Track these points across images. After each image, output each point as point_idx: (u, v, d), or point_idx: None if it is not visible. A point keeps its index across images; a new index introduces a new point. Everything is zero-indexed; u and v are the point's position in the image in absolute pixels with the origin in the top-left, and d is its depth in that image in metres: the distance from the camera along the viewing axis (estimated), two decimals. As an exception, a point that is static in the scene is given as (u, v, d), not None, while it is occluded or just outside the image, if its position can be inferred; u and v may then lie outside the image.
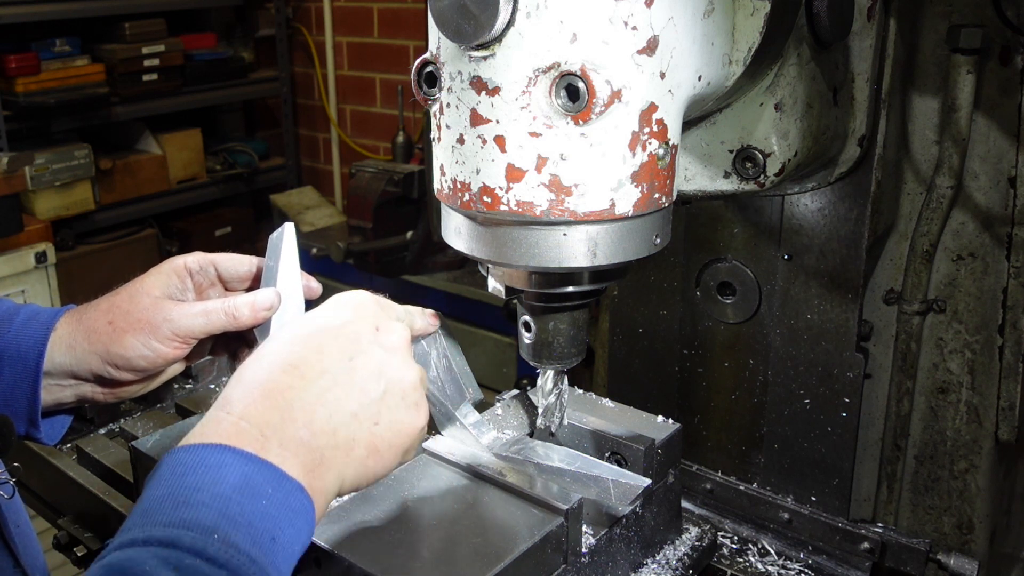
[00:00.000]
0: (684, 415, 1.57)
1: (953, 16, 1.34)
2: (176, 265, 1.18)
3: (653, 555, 1.28)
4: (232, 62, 5.28)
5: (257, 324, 1.14)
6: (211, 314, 1.13)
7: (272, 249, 1.16)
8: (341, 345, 0.93)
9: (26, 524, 1.14)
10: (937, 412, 1.53)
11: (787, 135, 1.13)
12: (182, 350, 1.14)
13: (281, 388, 0.88)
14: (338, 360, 0.91)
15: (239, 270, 1.20)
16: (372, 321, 0.97)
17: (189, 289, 1.19)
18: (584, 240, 0.95)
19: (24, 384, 1.13)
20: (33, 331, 1.14)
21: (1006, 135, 1.37)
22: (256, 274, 1.20)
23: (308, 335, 0.94)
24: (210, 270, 1.20)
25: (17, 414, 1.13)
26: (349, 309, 0.98)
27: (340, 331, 0.94)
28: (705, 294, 1.51)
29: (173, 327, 1.12)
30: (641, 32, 0.88)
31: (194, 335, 1.13)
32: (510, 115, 0.90)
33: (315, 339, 0.93)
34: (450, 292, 3.86)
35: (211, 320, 1.13)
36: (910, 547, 1.36)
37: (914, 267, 1.45)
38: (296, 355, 0.91)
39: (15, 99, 4.34)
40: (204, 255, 1.20)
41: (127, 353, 1.12)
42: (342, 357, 0.92)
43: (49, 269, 4.04)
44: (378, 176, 3.99)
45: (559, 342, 1.10)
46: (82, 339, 1.13)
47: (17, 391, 1.13)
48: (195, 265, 1.19)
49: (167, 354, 1.13)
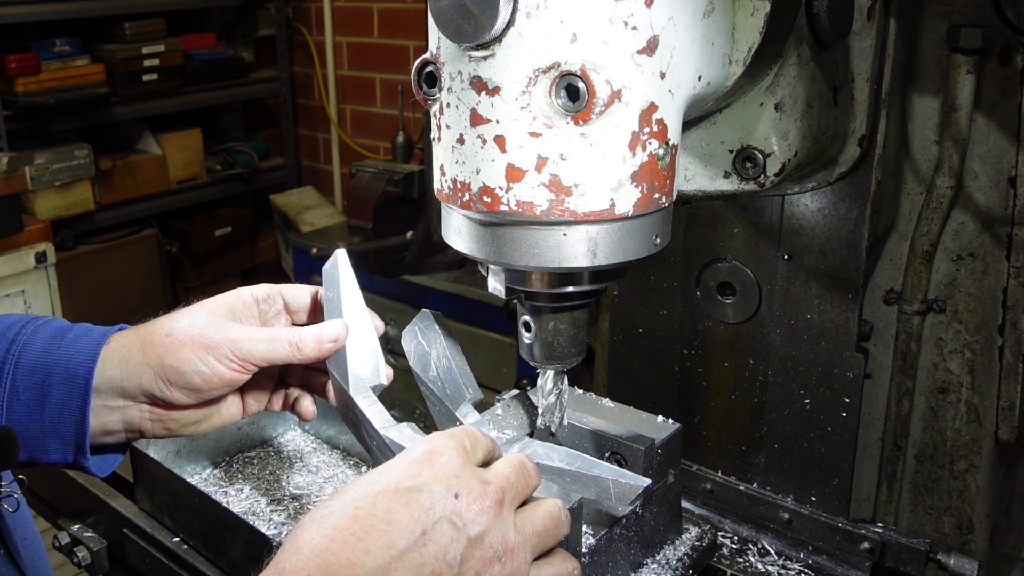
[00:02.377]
0: (684, 415, 1.57)
1: (953, 16, 1.34)
2: (243, 293, 1.14)
3: (653, 555, 1.28)
4: (232, 62, 5.28)
5: (322, 357, 1.09)
6: (275, 341, 1.07)
7: (328, 279, 1.11)
8: (412, 514, 0.81)
9: (34, 536, 1.11)
10: (937, 412, 1.53)
11: (787, 135, 1.13)
12: (241, 374, 1.08)
13: (342, 564, 0.77)
14: (408, 534, 0.80)
15: (304, 300, 1.16)
16: (450, 484, 0.84)
17: (255, 317, 1.14)
18: (584, 240, 0.95)
19: (73, 404, 1.07)
20: (84, 346, 1.08)
21: (1006, 135, 1.37)
22: (317, 304, 1.15)
23: (376, 495, 0.82)
24: (277, 300, 1.15)
25: (65, 439, 1.08)
26: (427, 466, 0.86)
27: (413, 496, 0.82)
28: (705, 294, 1.51)
29: (234, 347, 1.06)
30: (641, 32, 0.88)
31: (254, 360, 1.07)
32: (510, 115, 0.90)
33: (384, 502, 0.82)
34: (450, 292, 3.86)
35: (274, 348, 1.07)
36: (910, 547, 1.36)
37: (914, 267, 1.45)
38: (362, 522, 0.80)
39: (15, 99, 4.34)
40: (271, 285, 1.16)
41: (182, 367, 1.05)
42: (413, 529, 0.80)
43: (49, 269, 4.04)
44: (378, 176, 3.99)
45: (559, 342, 1.10)
46: (136, 351, 1.07)
47: (66, 412, 1.07)
48: (262, 294, 1.15)
49: (224, 374, 1.07)
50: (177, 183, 5.10)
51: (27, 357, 1.08)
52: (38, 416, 1.07)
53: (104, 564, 1.43)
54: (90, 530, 1.45)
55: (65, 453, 1.09)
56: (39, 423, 1.07)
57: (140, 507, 1.39)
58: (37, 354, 1.08)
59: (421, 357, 1.19)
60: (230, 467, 1.49)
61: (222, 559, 1.28)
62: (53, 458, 1.09)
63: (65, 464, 1.11)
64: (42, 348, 1.08)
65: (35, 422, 1.07)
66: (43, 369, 1.07)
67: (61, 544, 1.45)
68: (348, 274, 1.11)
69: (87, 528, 1.46)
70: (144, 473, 1.36)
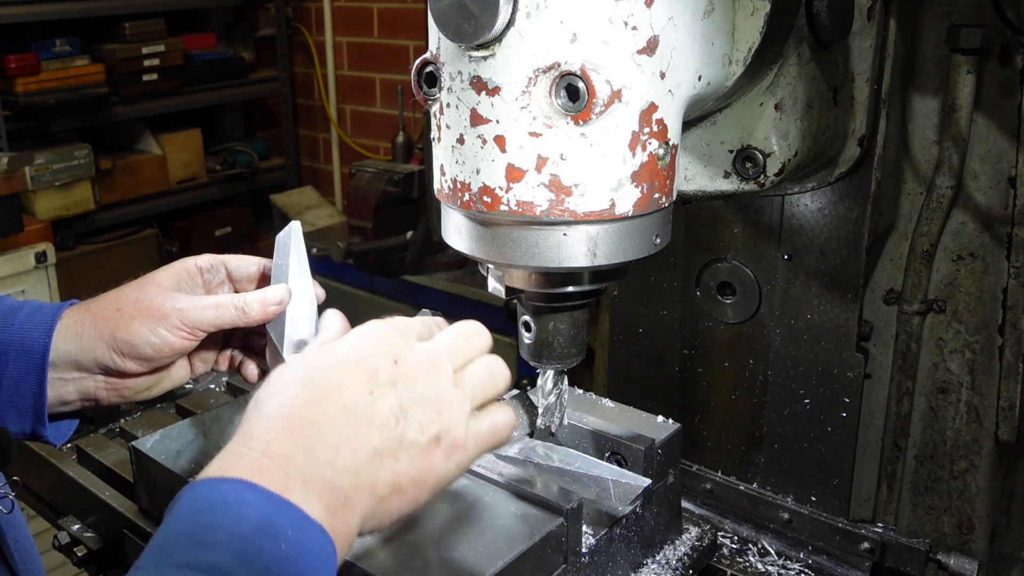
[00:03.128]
0: (684, 415, 1.57)
1: (953, 16, 1.34)
2: (187, 263, 1.19)
3: (653, 555, 1.28)
4: (232, 62, 5.28)
5: (267, 320, 1.14)
6: (221, 307, 1.13)
7: (280, 248, 1.17)
8: (361, 379, 0.89)
9: (26, 539, 1.13)
10: (937, 412, 1.53)
11: (787, 135, 1.13)
12: (189, 341, 1.14)
13: (304, 424, 0.85)
14: (358, 395, 0.88)
15: (249, 270, 1.21)
16: (391, 353, 0.92)
17: (199, 286, 1.19)
18: (584, 240, 0.95)
19: (30, 378, 1.12)
20: (38, 322, 1.14)
21: (1006, 135, 1.37)
22: (264, 274, 1.21)
23: (328, 367, 0.91)
24: (220, 269, 1.20)
25: (23, 410, 1.13)
26: (369, 342, 0.94)
27: (359, 365, 0.90)
28: (705, 294, 1.51)
29: (182, 316, 1.12)
30: (641, 32, 0.88)
31: (203, 326, 1.13)
32: (510, 115, 0.90)
33: (335, 373, 0.90)
34: (450, 292, 3.86)
35: (221, 313, 1.13)
36: (910, 547, 1.36)
37: (914, 267, 1.45)
38: (317, 389, 0.88)
39: (15, 99, 4.34)
40: (214, 255, 1.21)
41: (133, 339, 1.11)
42: (362, 391, 0.88)
43: (49, 269, 4.04)
44: (378, 176, 3.99)
45: (559, 342, 1.10)
46: (88, 325, 1.13)
47: (23, 386, 1.13)
48: (206, 264, 1.19)
49: (174, 343, 1.13)
50: (177, 183, 5.10)
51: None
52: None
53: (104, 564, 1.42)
54: (90, 530, 1.45)
55: (23, 424, 1.15)
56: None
57: (140, 507, 1.39)
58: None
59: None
60: (230, 467, 1.49)
61: (222, 559, 1.28)
62: (11, 429, 1.14)
63: (23, 435, 1.16)
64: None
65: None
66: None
67: (61, 544, 1.44)
68: (300, 245, 1.16)
69: (87, 528, 1.46)
70: (144, 473, 1.35)
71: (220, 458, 0.84)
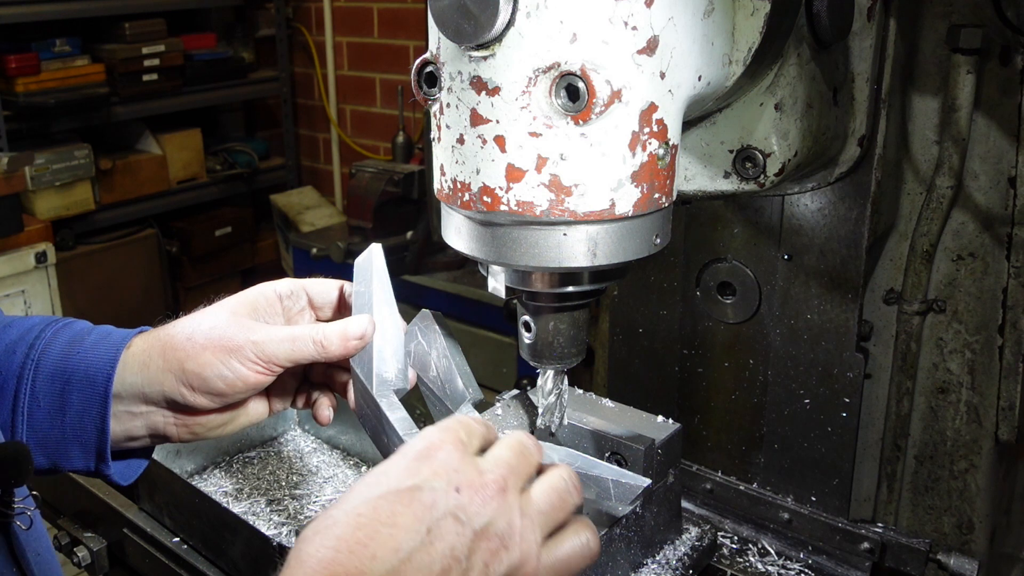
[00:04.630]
0: (684, 415, 1.57)
1: (953, 16, 1.34)
2: (265, 290, 1.11)
3: (653, 555, 1.28)
4: (232, 62, 5.28)
5: (347, 355, 1.06)
6: (298, 340, 1.03)
7: (361, 273, 1.07)
8: (416, 514, 0.79)
9: (48, 551, 1.07)
10: (937, 412, 1.53)
11: (787, 135, 1.13)
12: (265, 376, 1.05)
13: (351, 572, 0.75)
14: (413, 534, 0.78)
15: (330, 295, 1.12)
16: (450, 478, 0.82)
17: (278, 314, 1.10)
18: (584, 240, 0.95)
19: (93, 411, 1.04)
20: (103, 351, 1.05)
21: (1006, 135, 1.37)
22: (346, 300, 1.12)
23: (377, 499, 0.80)
24: (301, 296, 1.12)
25: (87, 445, 1.05)
26: (426, 464, 0.83)
27: (414, 496, 0.80)
28: (705, 294, 1.51)
29: (257, 349, 1.02)
30: (641, 32, 0.88)
31: (279, 361, 1.04)
32: (510, 115, 0.90)
33: (386, 506, 0.80)
34: (450, 292, 3.86)
35: (298, 347, 1.03)
36: (910, 547, 1.36)
37: (914, 267, 1.45)
38: (366, 529, 0.78)
39: (15, 99, 4.34)
40: (295, 280, 1.12)
41: (204, 372, 1.02)
42: (418, 530, 0.78)
43: (49, 269, 4.04)
44: (378, 176, 3.99)
45: (559, 342, 1.10)
46: (157, 355, 1.04)
47: (86, 419, 1.04)
48: (285, 290, 1.11)
49: (248, 378, 1.03)
50: (177, 183, 5.10)
51: (46, 362, 1.05)
52: (59, 423, 1.04)
53: (104, 564, 1.43)
54: (90, 530, 1.45)
55: (88, 460, 1.07)
56: (60, 430, 1.04)
57: (140, 507, 1.39)
58: (56, 359, 1.05)
59: (421, 357, 1.19)
60: (230, 467, 1.49)
61: (222, 559, 1.28)
62: (76, 465, 1.07)
63: (88, 472, 1.08)
64: (61, 353, 1.06)
65: (56, 429, 1.04)
66: (62, 375, 1.04)
67: (61, 544, 1.45)
68: (382, 270, 1.07)
69: (87, 528, 1.46)
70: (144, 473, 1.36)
71: None
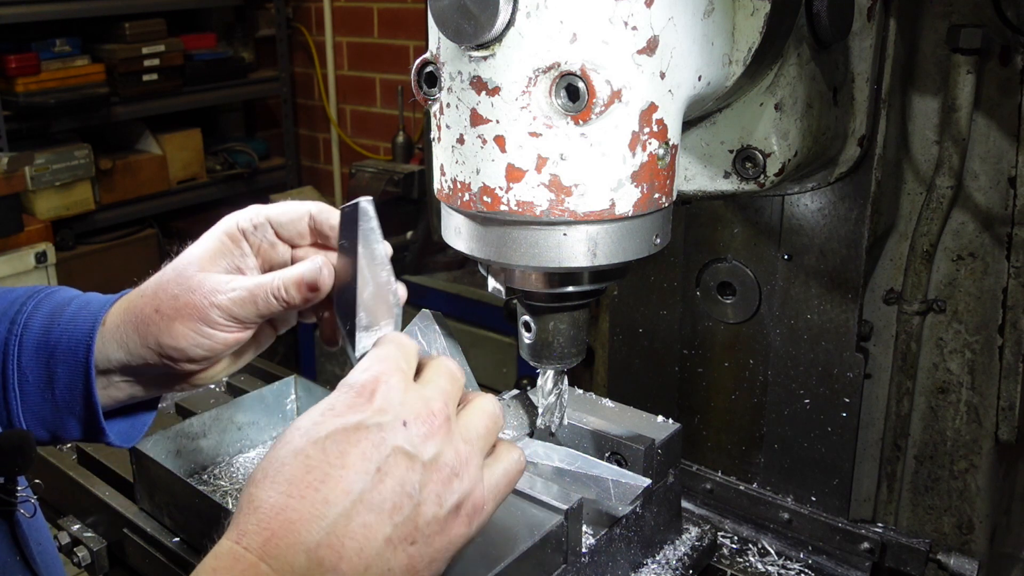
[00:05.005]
0: (684, 415, 1.57)
1: (953, 16, 1.34)
2: (228, 228, 1.03)
3: (653, 555, 1.28)
4: (232, 62, 5.28)
5: (315, 300, 0.98)
6: (259, 297, 0.97)
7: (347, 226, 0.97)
8: (364, 452, 0.78)
9: (48, 541, 1.07)
10: (937, 412, 1.53)
11: (787, 135, 1.13)
12: (242, 333, 0.99)
13: (304, 519, 0.75)
14: (363, 473, 0.77)
15: (298, 226, 1.03)
16: (396, 412, 0.81)
17: (247, 254, 1.03)
18: (584, 240, 0.95)
19: (78, 383, 1.01)
20: (82, 322, 1.01)
21: (1006, 135, 1.37)
22: (319, 229, 1.04)
23: (325, 438, 0.79)
24: (267, 228, 1.03)
25: (80, 416, 1.03)
26: (366, 395, 0.82)
27: (361, 431, 0.79)
28: (705, 294, 1.51)
29: (222, 312, 0.97)
30: (641, 32, 0.88)
31: (248, 320, 0.98)
32: (510, 115, 0.90)
33: (334, 445, 0.78)
34: (450, 292, 3.86)
35: (261, 304, 0.97)
36: (910, 547, 1.36)
37: (914, 267, 1.45)
38: (316, 472, 0.77)
39: (15, 99, 4.34)
40: (258, 210, 1.04)
41: (179, 343, 0.97)
42: (367, 468, 0.77)
43: (49, 269, 4.04)
44: (378, 176, 3.99)
45: (559, 342, 1.10)
46: (132, 331, 1.00)
47: (74, 391, 1.01)
48: (248, 225, 1.03)
49: (226, 339, 0.98)
50: (177, 183, 5.10)
51: (29, 336, 1.03)
52: (49, 397, 1.03)
53: (104, 564, 1.43)
54: (90, 530, 1.45)
55: (84, 429, 1.05)
56: (52, 403, 1.03)
57: (140, 507, 1.39)
58: (38, 332, 1.03)
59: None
60: (230, 467, 1.49)
61: (222, 559, 1.28)
62: (74, 435, 1.05)
63: (89, 440, 1.07)
64: (42, 326, 1.03)
65: (48, 403, 1.03)
66: (45, 348, 1.02)
67: (61, 544, 1.44)
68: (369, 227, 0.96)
69: (87, 528, 1.46)
70: (144, 473, 1.36)
71: (214, 556, 0.75)
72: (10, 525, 1.01)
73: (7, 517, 1.00)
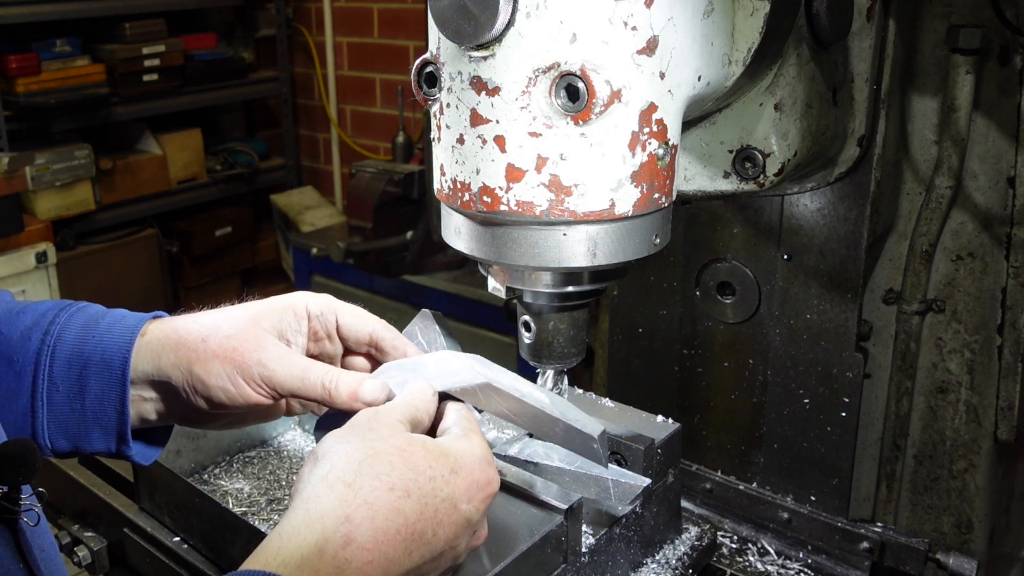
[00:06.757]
0: (684, 415, 1.57)
1: (952, 16, 1.35)
2: (296, 304, 1.08)
3: (653, 555, 1.28)
4: (232, 62, 5.29)
5: (353, 411, 1.01)
6: (308, 379, 1.01)
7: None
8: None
9: (52, 548, 1.07)
10: (936, 412, 1.53)
11: (787, 135, 1.13)
12: (267, 400, 1.02)
13: None
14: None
15: (359, 332, 1.10)
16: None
17: (302, 332, 1.07)
18: (584, 240, 0.95)
19: (112, 394, 1.04)
20: (119, 335, 1.04)
21: (1005, 135, 1.37)
22: (378, 343, 1.10)
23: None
24: (330, 319, 1.09)
25: (107, 429, 1.06)
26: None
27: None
28: (705, 294, 1.51)
29: (265, 373, 1.00)
30: (641, 32, 0.88)
31: (283, 391, 1.02)
32: (510, 115, 0.90)
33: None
34: (450, 292, 3.87)
35: (306, 385, 1.01)
36: (909, 547, 1.36)
37: (913, 267, 1.45)
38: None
39: (15, 99, 4.35)
40: (329, 301, 1.10)
41: (208, 380, 1.01)
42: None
43: (49, 269, 4.04)
44: (378, 176, 3.99)
45: (559, 342, 1.10)
46: (170, 350, 1.03)
47: (106, 403, 1.04)
48: (316, 309, 1.08)
49: (250, 397, 1.01)
50: (177, 183, 5.10)
51: (62, 347, 1.05)
52: (79, 407, 1.05)
53: (104, 564, 1.43)
54: (90, 530, 1.45)
55: (108, 443, 1.07)
56: (80, 414, 1.05)
57: (140, 507, 1.39)
58: (72, 343, 1.05)
59: (421, 357, 1.19)
60: (230, 467, 1.49)
61: (222, 559, 1.28)
62: (96, 448, 1.07)
63: (108, 453, 1.08)
64: (77, 337, 1.06)
65: (76, 413, 1.05)
66: (79, 359, 1.05)
67: (61, 544, 1.44)
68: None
69: (87, 528, 1.46)
70: (144, 473, 1.36)
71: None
72: (13, 533, 1.01)
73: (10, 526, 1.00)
